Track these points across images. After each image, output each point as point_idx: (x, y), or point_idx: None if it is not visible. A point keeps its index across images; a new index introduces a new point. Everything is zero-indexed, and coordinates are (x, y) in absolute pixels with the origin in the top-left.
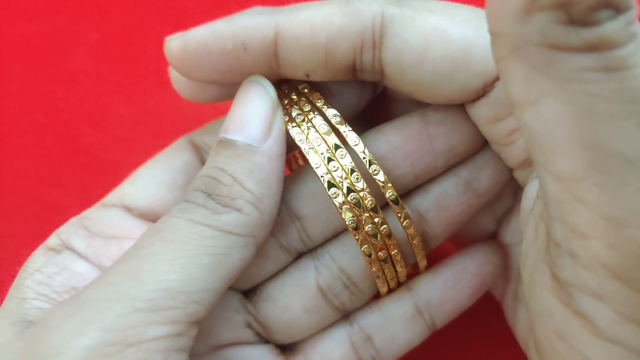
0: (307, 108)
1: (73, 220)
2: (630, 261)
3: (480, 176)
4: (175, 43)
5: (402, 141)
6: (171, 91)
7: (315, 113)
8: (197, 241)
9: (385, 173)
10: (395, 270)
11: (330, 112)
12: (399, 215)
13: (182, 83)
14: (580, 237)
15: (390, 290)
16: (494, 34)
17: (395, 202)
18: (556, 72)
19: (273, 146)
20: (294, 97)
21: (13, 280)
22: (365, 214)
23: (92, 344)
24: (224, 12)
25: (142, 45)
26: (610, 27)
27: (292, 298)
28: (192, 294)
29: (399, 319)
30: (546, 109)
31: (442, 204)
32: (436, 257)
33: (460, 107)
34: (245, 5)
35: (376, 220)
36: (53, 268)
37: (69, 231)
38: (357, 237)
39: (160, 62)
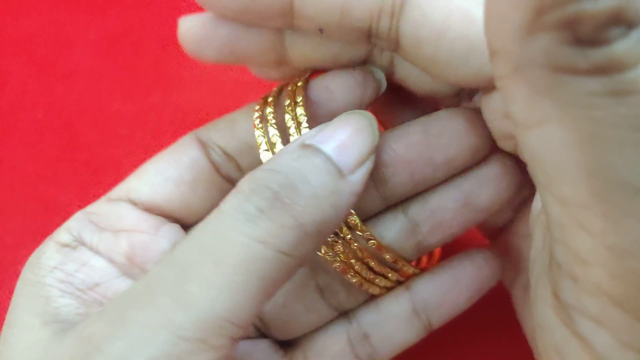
0: (290, 124)
1: (79, 215)
2: (633, 292)
3: (481, 192)
4: None
5: (402, 150)
6: (170, 89)
7: (295, 132)
8: (252, 266)
9: (379, 182)
10: (386, 276)
11: (299, 111)
12: (365, 238)
13: (189, 37)
14: (582, 263)
15: (389, 289)
16: (492, 51)
17: (357, 226)
18: (561, 96)
19: (359, 182)
20: (288, 107)
21: (12, 279)
22: (332, 237)
23: None
24: None
25: (142, 43)
26: (621, 47)
27: (292, 296)
28: (239, 319)
29: (396, 318)
30: (550, 133)
31: (439, 217)
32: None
33: (462, 118)
34: None
35: (348, 238)
36: (72, 265)
37: (78, 227)
38: (326, 256)
39: (160, 60)
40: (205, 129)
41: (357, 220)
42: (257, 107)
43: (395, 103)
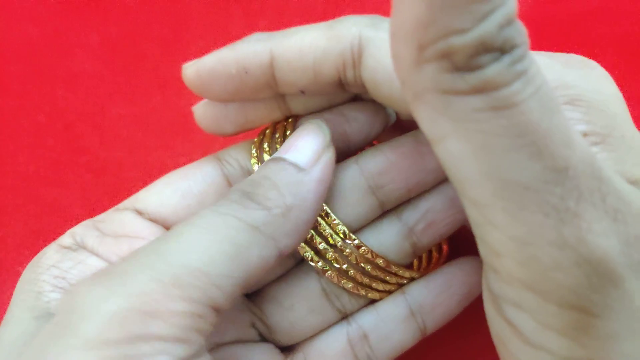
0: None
1: (87, 222)
2: (537, 276)
3: None
4: (190, 70)
5: (397, 158)
6: (171, 92)
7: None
8: (223, 229)
9: (376, 188)
10: (385, 280)
11: None
12: (355, 246)
13: (205, 121)
14: (496, 255)
15: (389, 292)
16: (400, 81)
17: (345, 236)
18: (453, 114)
19: (318, 171)
20: (279, 138)
21: (13, 280)
22: (322, 245)
23: (116, 309)
24: (223, 15)
25: (143, 46)
26: (493, 70)
27: (298, 298)
28: (212, 276)
29: (394, 319)
30: (450, 146)
31: (430, 218)
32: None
33: None
34: (244, 6)
35: (338, 246)
36: (69, 263)
37: (82, 232)
38: (317, 266)
39: (160, 64)
40: (227, 149)
41: (345, 229)
42: (255, 140)
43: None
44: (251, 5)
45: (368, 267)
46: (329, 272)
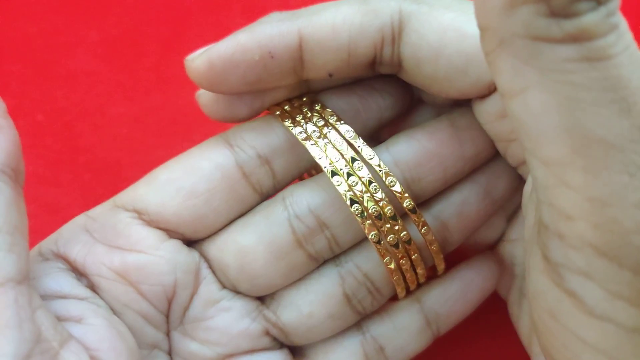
0: (320, 123)
1: (80, 220)
2: (615, 240)
3: (498, 184)
4: (200, 61)
5: (435, 147)
6: (171, 91)
7: (330, 128)
8: None
9: (412, 181)
10: (416, 273)
11: (344, 128)
12: (417, 223)
13: (212, 106)
14: (567, 219)
15: (408, 292)
16: (482, 29)
17: (413, 211)
18: (540, 63)
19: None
20: (307, 112)
21: None
22: (387, 225)
23: None
24: (224, 12)
25: (143, 45)
26: (590, 19)
27: (317, 305)
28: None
29: (410, 330)
30: (532, 98)
31: (463, 211)
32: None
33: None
34: (244, 4)
35: (396, 228)
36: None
37: (69, 236)
38: (380, 249)
39: (160, 62)
40: (237, 128)
41: (413, 205)
42: (277, 113)
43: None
44: (251, 3)
45: (415, 255)
46: (387, 258)
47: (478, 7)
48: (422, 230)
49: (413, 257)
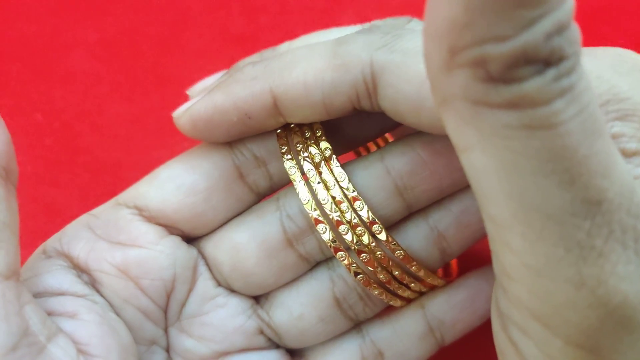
0: (306, 136)
1: (83, 218)
2: (547, 310)
3: None
4: (184, 121)
5: (430, 156)
6: (169, 91)
7: (312, 142)
8: None
9: (405, 189)
10: (408, 287)
11: (323, 145)
12: (389, 247)
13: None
14: (508, 277)
15: (409, 300)
16: (430, 84)
17: (383, 236)
18: (481, 126)
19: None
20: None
21: None
22: (356, 246)
23: None
24: (222, 12)
25: (141, 45)
26: (533, 85)
27: (308, 307)
28: None
29: (411, 336)
30: (475, 158)
31: (463, 221)
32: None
33: None
34: (244, 3)
35: (370, 246)
36: (28, 272)
37: (73, 234)
38: (350, 269)
39: (158, 62)
40: None
41: (383, 229)
42: (278, 131)
43: None
44: (251, 2)
45: (397, 272)
46: (360, 276)
47: (425, 64)
48: (396, 254)
49: (396, 273)
